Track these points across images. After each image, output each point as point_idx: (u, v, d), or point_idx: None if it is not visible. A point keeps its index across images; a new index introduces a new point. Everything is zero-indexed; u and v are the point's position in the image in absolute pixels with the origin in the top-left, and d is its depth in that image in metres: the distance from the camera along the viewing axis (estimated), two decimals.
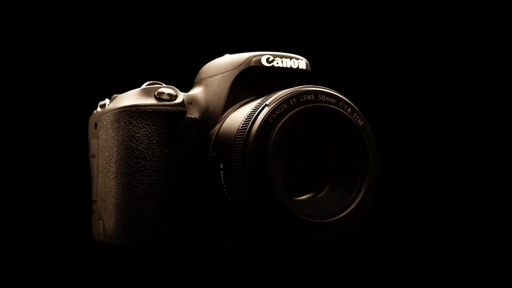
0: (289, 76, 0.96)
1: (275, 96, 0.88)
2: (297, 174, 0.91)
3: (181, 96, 0.94)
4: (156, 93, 0.93)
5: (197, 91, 0.98)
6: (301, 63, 0.97)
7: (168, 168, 0.92)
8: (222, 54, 1.00)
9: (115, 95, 0.97)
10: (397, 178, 1.19)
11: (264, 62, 0.95)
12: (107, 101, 0.97)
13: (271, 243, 0.93)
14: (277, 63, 0.96)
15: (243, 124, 0.88)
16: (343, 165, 0.91)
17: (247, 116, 0.88)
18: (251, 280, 0.91)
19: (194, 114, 0.95)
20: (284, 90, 0.89)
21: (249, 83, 0.95)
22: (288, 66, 0.96)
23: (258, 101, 0.90)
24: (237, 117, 0.91)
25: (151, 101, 0.92)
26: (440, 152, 1.23)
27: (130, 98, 0.94)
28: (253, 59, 0.95)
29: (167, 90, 0.93)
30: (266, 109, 0.87)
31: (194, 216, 0.93)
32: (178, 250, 0.93)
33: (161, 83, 0.96)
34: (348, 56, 1.24)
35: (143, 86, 0.95)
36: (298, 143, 0.91)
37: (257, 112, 0.87)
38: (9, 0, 1.12)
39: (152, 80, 0.96)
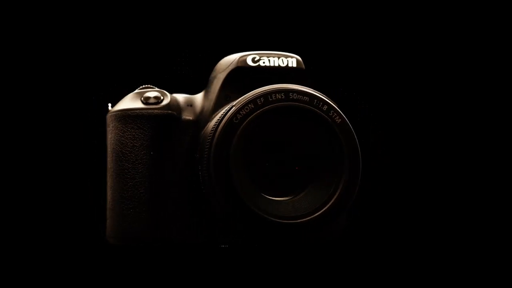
0: (277, 75, 0.95)
1: (243, 96, 0.88)
2: (272, 175, 0.89)
3: (167, 99, 0.95)
4: (142, 97, 0.95)
5: (200, 93, 0.99)
6: (291, 61, 0.95)
7: (155, 170, 0.94)
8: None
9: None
10: (396, 177, 1.14)
11: (249, 62, 0.95)
12: (109, 105, 1.01)
13: (243, 245, 0.92)
14: (264, 62, 0.95)
15: (213, 125, 0.88)
16: (320, 165, 0.89)
17: (218, 117, 0.88)
18: (237, 280, 0.91)
19: (191, 116, 0.96)
20: (255, 90, 0.88)
21: (237, 83, 0.95)
22: (276, 64, 0.95)
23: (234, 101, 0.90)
24: (216, 118, 0.92)
25: (138, 105, 0.95)
26: (442, 152, 1.19)
27: (122, 102, 0.97)
28: (240, 59, 0.95)
29: (153, 93, 0.95)
30: (232, 110, 0.87)
31: (182, 217, 0.94)
32: (167, 250, 0.95)
33: (153, 86, 0.98)
34: (359, 56, 1.22)
35: (136, 90, 0.98)
36: (272, 144, 0.89)
37: (225, 113, 0.87)
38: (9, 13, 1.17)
39: (146, 84, 0.98)
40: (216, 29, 1.20)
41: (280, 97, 0.87)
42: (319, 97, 0.88)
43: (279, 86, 0.88)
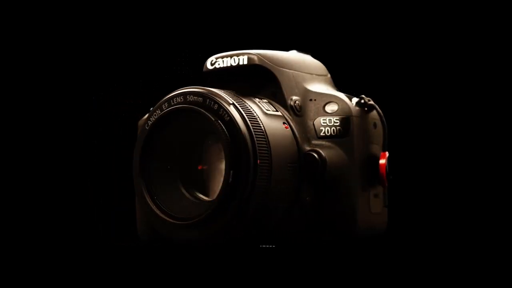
0: (232, 75, 0.94)
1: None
2: (174, 176, 0.91)
3: None
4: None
5: None
6: (242, 59, 0.94)
7: None
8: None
9: None
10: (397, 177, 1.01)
11: (208, 66, 0.96)
12: None
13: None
14: (219, 64, 0.95)
15: None
16: (212, 165, 0.87)
17: None
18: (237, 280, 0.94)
19: None
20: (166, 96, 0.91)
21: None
22: (228, 64, 0.95)
23: None
24: None
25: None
26: (442, 151, 1.17)
27: None
28: (205, 64, 0.97)
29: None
30: (145, 117, 0.92)
31: None
32: (166, 250, 1.02)
33: None
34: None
35: None
36: (181, 146, 0.91)
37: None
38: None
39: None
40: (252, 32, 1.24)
41: (179, 100, 0.88)
42: (212, 96, 0.86)
43: (181, 90, 0.89)
